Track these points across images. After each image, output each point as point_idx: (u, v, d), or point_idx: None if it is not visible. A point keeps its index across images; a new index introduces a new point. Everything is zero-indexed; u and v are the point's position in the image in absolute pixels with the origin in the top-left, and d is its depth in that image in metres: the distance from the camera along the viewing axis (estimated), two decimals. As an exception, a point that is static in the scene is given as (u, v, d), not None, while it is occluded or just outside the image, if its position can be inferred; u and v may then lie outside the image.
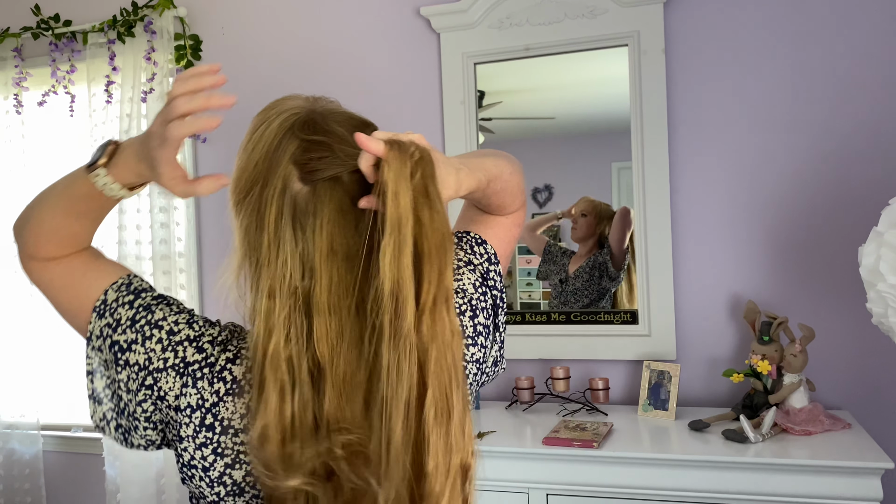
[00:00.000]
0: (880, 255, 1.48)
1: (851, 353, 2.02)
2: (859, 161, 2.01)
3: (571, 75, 2.24)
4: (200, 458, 0.76)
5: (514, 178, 0.92)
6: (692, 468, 1.71)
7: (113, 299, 0.82)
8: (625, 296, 2.21)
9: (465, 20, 2.26)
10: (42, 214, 0.82)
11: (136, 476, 2.55)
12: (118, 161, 0.77)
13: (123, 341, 0.80)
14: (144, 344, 0.79)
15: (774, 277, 2.07)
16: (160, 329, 0.80)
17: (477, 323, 0.88)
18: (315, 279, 0.72)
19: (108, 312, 0.82)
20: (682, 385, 2.14)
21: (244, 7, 2.57)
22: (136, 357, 0.79)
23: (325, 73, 2.48)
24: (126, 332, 0.80)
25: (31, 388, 2.79)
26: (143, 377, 0.79)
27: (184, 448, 0.77)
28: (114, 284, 0.84)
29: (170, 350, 0.79)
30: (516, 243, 1.00)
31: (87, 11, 2.70)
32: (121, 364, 0.80)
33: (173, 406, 0.78)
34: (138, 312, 0.81)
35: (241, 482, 0.76)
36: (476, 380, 0.90)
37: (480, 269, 0.91)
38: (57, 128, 2.85)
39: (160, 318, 0.81)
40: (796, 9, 2.04)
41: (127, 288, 0.84)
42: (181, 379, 0.78)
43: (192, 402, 0.77)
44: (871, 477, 1.61)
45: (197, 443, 0.76)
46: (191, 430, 0.77)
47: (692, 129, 2.13)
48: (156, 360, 0.79)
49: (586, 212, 2.23)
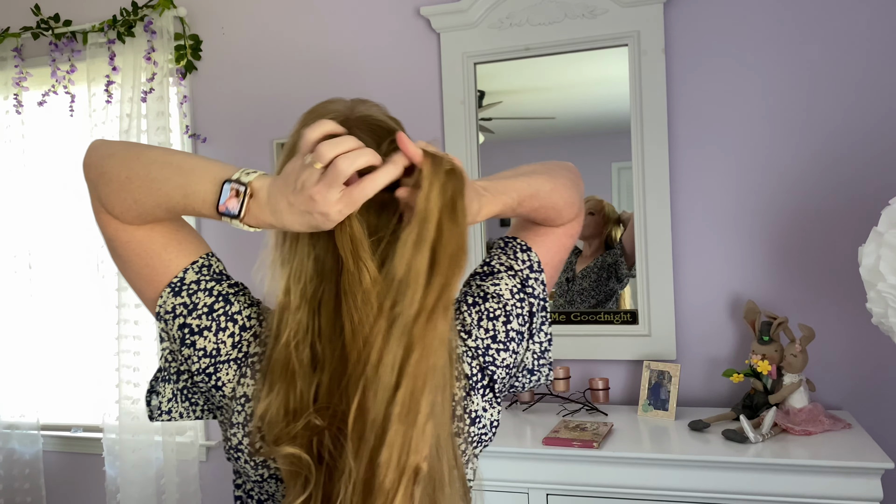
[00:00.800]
0: (880, 255, 1.48)
1: (851, 353, 2.02)
2: (859, 161, 2.01)
3: (571, 75, 2.24)
4: (248, 444, 0.80)
5: (556, 194, 0.91)
6: (692, 468, 1.71)
7: (192, 280, 0.83)
8: (625, 296, 2.21)
9: (465, 20, 2.26)
10: (145, 201, 0.77)
11: (136, 476, 2.55)
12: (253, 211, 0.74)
13: (196, 326, 0.82)
14: (217, 335, 0.81)
15: (774, 277, 2.07)
16: (234, 323, 0.82)
17: (510, 329, 0.89)
18: (325, 280, 0.77)
19: (185, 292, 0.82)
20: (682, 385, 2.14)
21: (244, 7, 2.57)
22: (204, 343, 0.81)
23: (326, 73, 2.48)
24: (202, 319, 0.82)
25: (31, 388, 2.79)
26: (207, 364, 0.81)
27: (233, 433, 0.81)
28: (194, 264, 0.83)
29: (238, 346, 0.82)
30: (568, 253, 1.00)
31: (87, 11, 2.70)
32: (187, 343, 0.82)
33: (228, 395, 0.81)
34: (217, 301, 0.82)
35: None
36: (504, 384, 0.91)
37: (520, 276, 0.92)
38: (57, 128, 2.85)
39: (236, 312, 0.83)
40: (796, 9, 2.04)
41: (208, 270, 0.84)
42: (240, 370, 0.81)
43: (247, 392, 0.80)
44: (871, 477, 1.61)
45: (246, 430, 0.80)
46: (241, 418, 0.80)
47: (692, 129, 2.13)
48: (224, 352, 0.81)
49: (594, 210, 2.23)
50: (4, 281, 2.79)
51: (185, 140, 2.60)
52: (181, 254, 0.83)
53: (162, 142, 2.52)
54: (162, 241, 0.82)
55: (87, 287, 2.81)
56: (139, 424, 2.56)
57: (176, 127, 2.58)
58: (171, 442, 2.54)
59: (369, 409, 0.68)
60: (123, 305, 2.55)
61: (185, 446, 2.57)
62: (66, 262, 2.90)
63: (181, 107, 2.58)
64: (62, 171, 2.87)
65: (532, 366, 0.93)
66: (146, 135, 2.54)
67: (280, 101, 2.53)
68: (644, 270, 2.14)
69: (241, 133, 2.58)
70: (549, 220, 0.94)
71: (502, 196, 0.83)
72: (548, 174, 0.92)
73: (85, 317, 2.83)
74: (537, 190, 0.88)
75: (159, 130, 2.52)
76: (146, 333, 2.56)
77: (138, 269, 0.83)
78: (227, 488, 2.65)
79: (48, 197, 2.89)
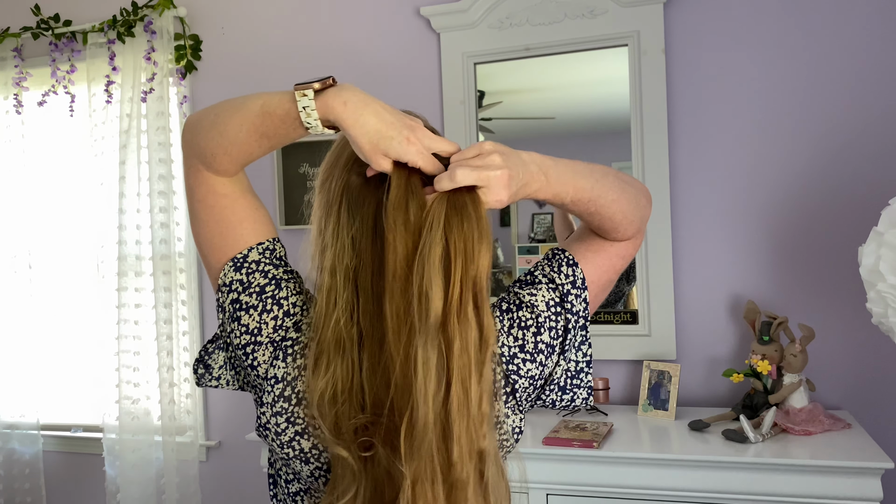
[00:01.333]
0: (880, 255, 1.48)
1: (851, 353, 2.02)
2: (859, 161, 2.01)
3: (571, 75, 2.24)
4: (275, 424, 0.83)
5: (616, 206, 0.89)
6: (692, 468, 1.71)
7: (254, 260, 0.87)
8: (633, 295, 2.21)
9: (465, 20, 2.26)
10: (228, 125, 0.80)
11: (136, 476, 2.55)
12: (328, 95, 0.76)
13: (246, 303, 0.86)
14: (262, 315, 0.85)
15: (774, 277, 2.07)
16: (280, 307, 0.85)
17: (539, 340, 0.88)
18: (362, 260, 0.81)
19: (244, 269, 0.86)
20: (682, 385, 2.14)
21: (244, 7, 2.57)
22: (248, 320, 0.85)
23: (325, 73, 2.48)
24: (251, 297, 0.86)
25: (31, 388, 2.79)
26: (247, 341, 0.85)
27: (262, 412, 0.84)
28: (259, 245, 0.88)
29: (278, 329, 0.85)
30: (617, 275, 0.99)
31: (87, 11, 2.70)
32: (234, 318, 0.86)
33: (262, 375, 0.85)
34: (269, 284, 0.86)
35: (308, 452, 0.83)
36: (529, 395, 0.90)
37: (560, 290, 0.91)
38: (57, 128, 2.85)
39: (283, 297, 0.86)
40: (796, 8, 2.04)
41: (270, 254, 0.88)
42: (275, 352, 0.84)
43: (277, 374, 0.83)
44: (871, 477, 1.61)
45: (274, 410, 0.83)
46: (271, 398, 0.83)
47: (692, 129, 2.13)
48: (265, 333, 0.85)
49: None
50: (4, 281, 2.79)
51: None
52: (253, 232, 0.88)
53: (162, 142, 2.52)
54: (241, 215, 0.87)
55: (86, 287, 2.81)
56: (139, 424, 2.56)
57: (176, 127, 2.57)
58: (171, 442, 2.54)
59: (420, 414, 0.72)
60: (123, 305, 2.55)
61: (185, 446, 2.57)
62: (66, 262, 2.90)
63: (181, 107, 2.58)
64: (62, 171, 2.87)
65: (564, 384, 0.91)
66: (146, 135, 2.54)
67: (280, 101, 2.53)
68: (644, 270, 2.14)
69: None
70: (602, 229, 0.93)
71: (558, 187, 0.84)
72: (619, 184, 0.91)
73: (85, 317, 2.83)
74: (599, 195, 0.88)
75: (159, 130, 2.52)
76: (146, 333, 2.57)
77: (212, 236, 0.88)
78: (228, 488, 2.65)
79: (48, 197, 2.89)
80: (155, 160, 2.52)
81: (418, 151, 0.76)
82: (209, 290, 2.64)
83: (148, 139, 2.53)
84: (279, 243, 0.91)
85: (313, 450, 0.82)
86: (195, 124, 0.85)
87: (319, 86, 0.75)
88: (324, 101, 0.75)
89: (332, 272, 0.82)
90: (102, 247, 2.62)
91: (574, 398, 0.92)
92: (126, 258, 2.56)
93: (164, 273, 2.52)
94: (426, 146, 0.77)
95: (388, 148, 0.75)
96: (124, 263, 2.55)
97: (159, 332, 2.52)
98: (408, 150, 0.75)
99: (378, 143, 0.75)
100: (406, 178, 0.77)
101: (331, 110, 0.75)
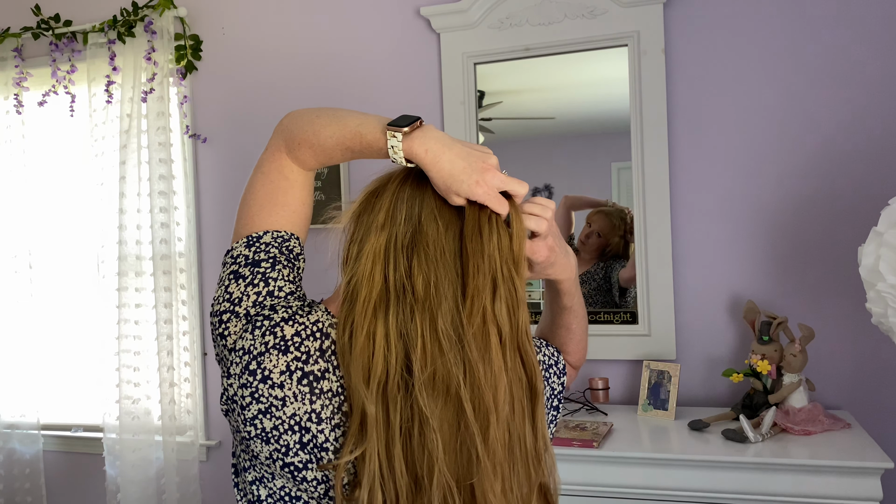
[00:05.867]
0: (880, 255, 1.48)
1: (851, 353, 2.02)
2: (859, 161, 2.01)
3: (571, 75, 2.24)
4: (240, 397, 0.85)
5: (580, 324, 1.11)
6: (692, 468, 1.71)
7: (266, 242, 0.92)
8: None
9: (465, 20, 2.26)
10: (324, 129, 0.90)
11: (136, 476, 2.56)
12: (415, 135, 0.85)
13: (239, 273, 0.91)
14: (247, 287, 0.90)
15: (774, 277, 2.07)
16: (266, 285, 0.90)
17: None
18: (420, 230, 0.86)
19: (253, 248, 0.91)
20: (682, 385, 2.14)
21: (244, 7, 2.57)
22: (234, 288, 0.90)
23: (326, 74, 2.48)
24: (246, 269, 0.91)
25: (31, 388, 2.79)
26: (226, 308, 0.90)
27: (229, 383, 0.87)
28: (276, 232, 0.93)
29: (257, 304, 0.89)
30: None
31: (87, 11, 2.70)
32: (225, 287, 0.91)
33: (229, 346, 0.88)
34: (266, 261, 0.91)
35: (269, 432, 0.84)
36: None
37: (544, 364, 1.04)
38: (57, 128, 2.85)
39: (273, 277, 0.91)
40: (796, 9, 2.04)
41: (284, 242, 0.93)
42: (246, 325, 0.88)
43: (245, 346, 0.86)
44: (871, 477, 1.61)
45: (240, 382, 0.85)
46: (238, 369, 0.86)
47: (692, 129, 2.13)
48: (243, 304, 0.89)
49: (601, 232, 2.21)
50: (4, 281, 2.79)
51: (185, 140, 2.60)
52: (285, 219, 0.94)
53: (162, 142, 2.52)
54: (288, 200, 0.94)
55: (87, 287, 2.81)
56: (139, 424, 2.56)
57: (176, 127, 2.58)
58: (171, 442, 2.54)
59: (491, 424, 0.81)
60: (123, 305, 2.55)
61: (185, 446, 2.58)
62: (66, 262, 2.90)
63: (181, 107, 2.58)
64: (62, 171, 2.87)
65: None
66: (146, 135, 2.54)
67: (280, 101, 2.53)
68: (644, 270, 2.14)
69: (241, 133, 2.58)
70: (565, 334, 1.11)
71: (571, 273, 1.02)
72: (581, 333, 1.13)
73: (85, 317, 2.83)
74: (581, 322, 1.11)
75: (159, 130, 2.52)
76: (146, 333, 2.57)
77: (254, 203, 0.94)
78: (228, 488, 2.65)
79: (48, 197, 2.90)
80: (155, 160, 2.52)
81: (485, 193, 0.85)
82: (209, 291, 2.64)
83: (148, 139, 2.53)
84: (296, 239, 0.95)
85: (273, 430, 0.84)
86: (297, 115, 0.93)
87: (409, 129, 0.85)
88: (409, 144, 0.85)
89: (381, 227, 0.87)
90: (103, 247, 2.62)
91: None
92: (126, 258, 2.56)
93: (165, 273, 2.53)
94: (494, 186, 0.85)
95: (459, 190, 0.85)
96: (125, 263, 2.55)
97: (159, 331, 2.52)
98: (475, 191, 0.84)
99: (451, 185, 0.85)
100: (478, 213, 0.86)
101: (414, 154, 0.85)
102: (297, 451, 0.84)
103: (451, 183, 0.85)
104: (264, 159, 0.95)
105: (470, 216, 0.86)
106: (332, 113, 0.91)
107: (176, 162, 2.57)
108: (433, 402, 0.80)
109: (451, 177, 0.85)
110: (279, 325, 0.86)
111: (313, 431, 0.83)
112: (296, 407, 0.83)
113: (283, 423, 0.83)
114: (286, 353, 0.85)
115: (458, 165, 0.85)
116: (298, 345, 0.85)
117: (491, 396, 0.80)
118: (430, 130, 0.86)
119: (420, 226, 0.86)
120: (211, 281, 2.63)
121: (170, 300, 2.53)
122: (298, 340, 0.86)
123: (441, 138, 0.86)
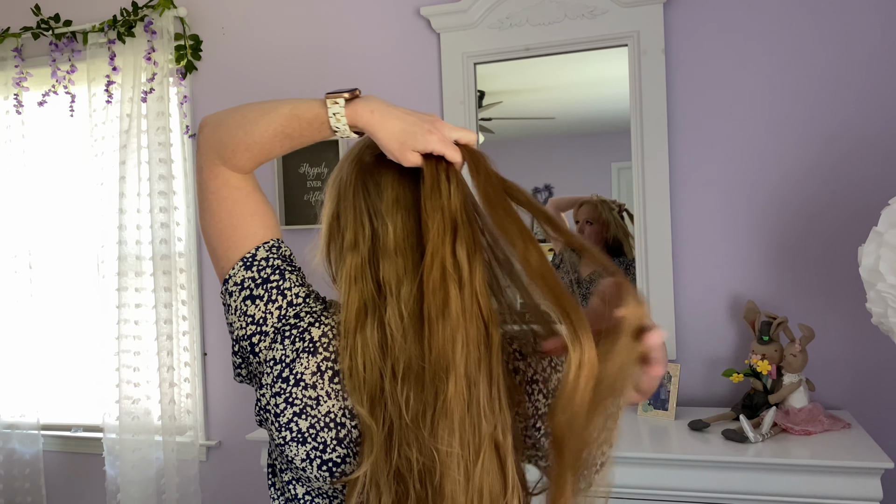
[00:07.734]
0: (880, 255, 1.48)
1: (851, 353, 2.02)
2: (859, 161, 2.01)
3: (571, 75, 2.24)
4: (274, 405, 0.86)
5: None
6: (692, 468, 1.71)
7: (262, 257, 0.91)
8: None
9: (465, 20, 2.26)
10: (256, 124, 0.88)
11: (136, 476, 2.56)
12: (357, 105, 0.84)
13: (255, 295, 0.90)
14: (267, 305, 0.90)
15: (774, 277, 2.07)
16: (284, 297, 0.90)
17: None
18: (383, 226, 0.86)
19: (255, 267, 0.91)
20: (682, 385, 2.14)
21: (244, 7, 2.57)
22: (254, 311, 0.90)
23: (326, 73, 2.48)
24: (259, 288, 0.90)
25: (31, 388, 2.79)
26: (253, 331, 0.90)
27: (262, 394, 0.88)
28: (265, 244, 0.92)
29: (282, 318, 0.89)
30: None
31: (87, 11, 2.70)
32: (242, 311, 0.91)
33: (261, 360, 0.90)
34: (273, 274, 0.91)
35: (305, 432, 0.85)
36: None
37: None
38: (57, 128, 2.85)
39: (287, 288, 0.91)
40: (796, 9, 2.04)
41: (277, 251, 0.93)
42: (275, 337, 0.89)
43: (276, 356, 0.88)
44: (871, 477, 1.61)
45: (273, 391, 0.86)
46: (269, 379, 0.87)
47: (692, 129, 2.13)
48: (269, 323, 0.89)
49: (591, 219, 2.22)
50: (4, 281, 2.79)
51: (185, 140, 2.60)
52: (263, 226, 0.92)
53: (162, 142, 2.52)
54: (252, 208, 0.92)
55: (87, 287, 2.81)
56: (139, 424, 2.56)
57: (176, 127, 2.58)
58: (171, 442, 2.54)
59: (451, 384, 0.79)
60: (123, 305, 2.55)
61: (185, 446, 2.57)
62: (66, 262, 2.90)
63: (181, 107, 2.58)
64: (62, 171, 2.87)
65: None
66: (146, 135, 2.54)
67: (280, 101, 2.53)
68: (644, 270, 2.14)
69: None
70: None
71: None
72: None
73: (85, 317, 2.83)
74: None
75: (159, 130, 2.52)
76: (146, 333, 2.57)
77: (224, 227, 0.92)
78: (228, 488, 2.65)
79: (48, 197, 2.90)
80: (155, 160, 2.52)
81: (439, 139, 0.83)
82: (209, 291, 2.64)
83: (148, 139, 2.53)
84: (284, 244, 0.95)
85: (310, 429, 0.85)
86: (219, 121, 0.91)
87: (349, 96, 0.84)
88: (353, 109, 0.84)
89: (352, 246, 0.87)
90: (103, 247, 2.62)
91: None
92: (126, 258, 2.56)
93: (165, 273, 2.52)
94: (446, 135, 0.85)
95: (414, 143, 0.83)
96: (124, 263, 2.55)
97: (159, 332, 2.52)
98: (429, 139, 0.83)
99: (404, 140, 0.83)
100: (435, 167, 0.84)
101: (359, 117, 0.84)
102: (335, 446, 0.85)
103: (405, 137, 0.83)
104: (205, 179, 0.92)
105: (427, 174, 0.85)
106: (257, 107, 0.89)
107: (176, 162, 2.57)
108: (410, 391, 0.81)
109: (402, 132, 0.83)
110: (307, 329, 0.88)
111: (348, 427, 0.85)
112: (330, 405, 0.85)
113: (318, 420, 0.85)
114: (315, 355, 0.87)
115: (407, 120, 0.84)
116: (326, 345, 0.87)
117: (450, 348, 0.79)
118: (371, 97, 0.86)
119: (385, 227, 0.86)
120: (211, 281, 2.63)
121: (170, 300, 2.53)
122: (326, 341, 0.87)
123: (384, 101, 0.85)
